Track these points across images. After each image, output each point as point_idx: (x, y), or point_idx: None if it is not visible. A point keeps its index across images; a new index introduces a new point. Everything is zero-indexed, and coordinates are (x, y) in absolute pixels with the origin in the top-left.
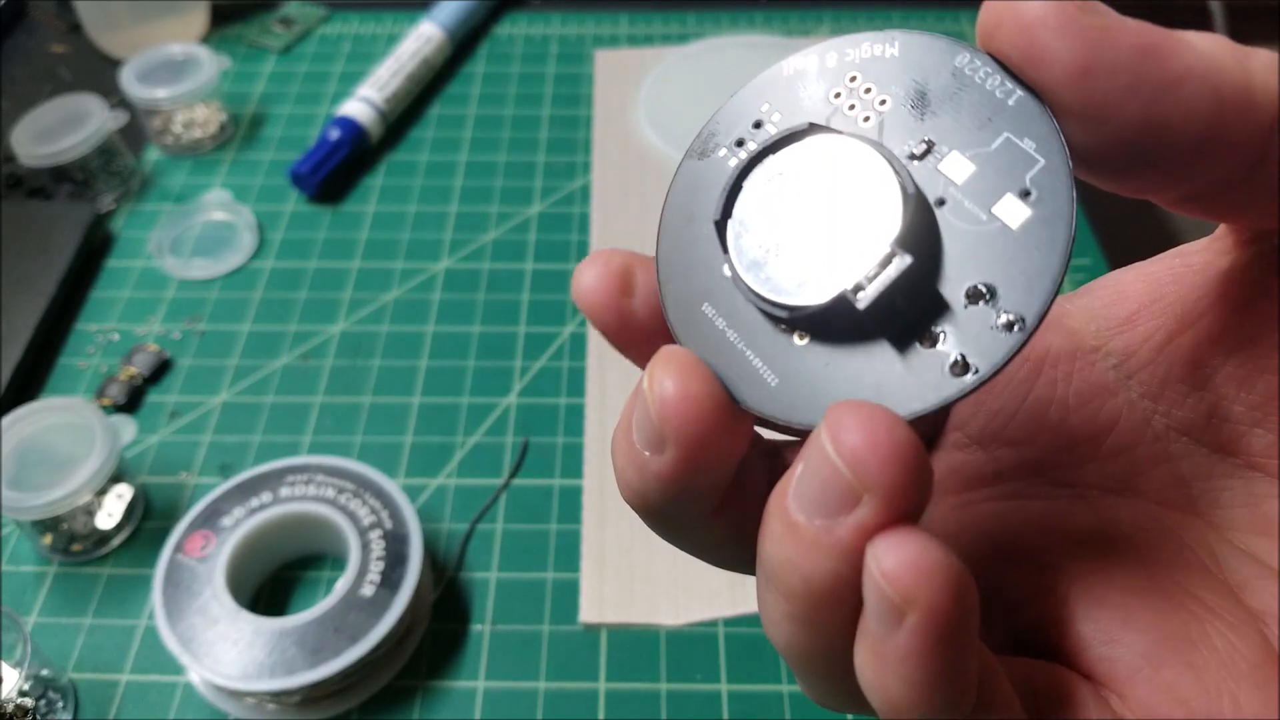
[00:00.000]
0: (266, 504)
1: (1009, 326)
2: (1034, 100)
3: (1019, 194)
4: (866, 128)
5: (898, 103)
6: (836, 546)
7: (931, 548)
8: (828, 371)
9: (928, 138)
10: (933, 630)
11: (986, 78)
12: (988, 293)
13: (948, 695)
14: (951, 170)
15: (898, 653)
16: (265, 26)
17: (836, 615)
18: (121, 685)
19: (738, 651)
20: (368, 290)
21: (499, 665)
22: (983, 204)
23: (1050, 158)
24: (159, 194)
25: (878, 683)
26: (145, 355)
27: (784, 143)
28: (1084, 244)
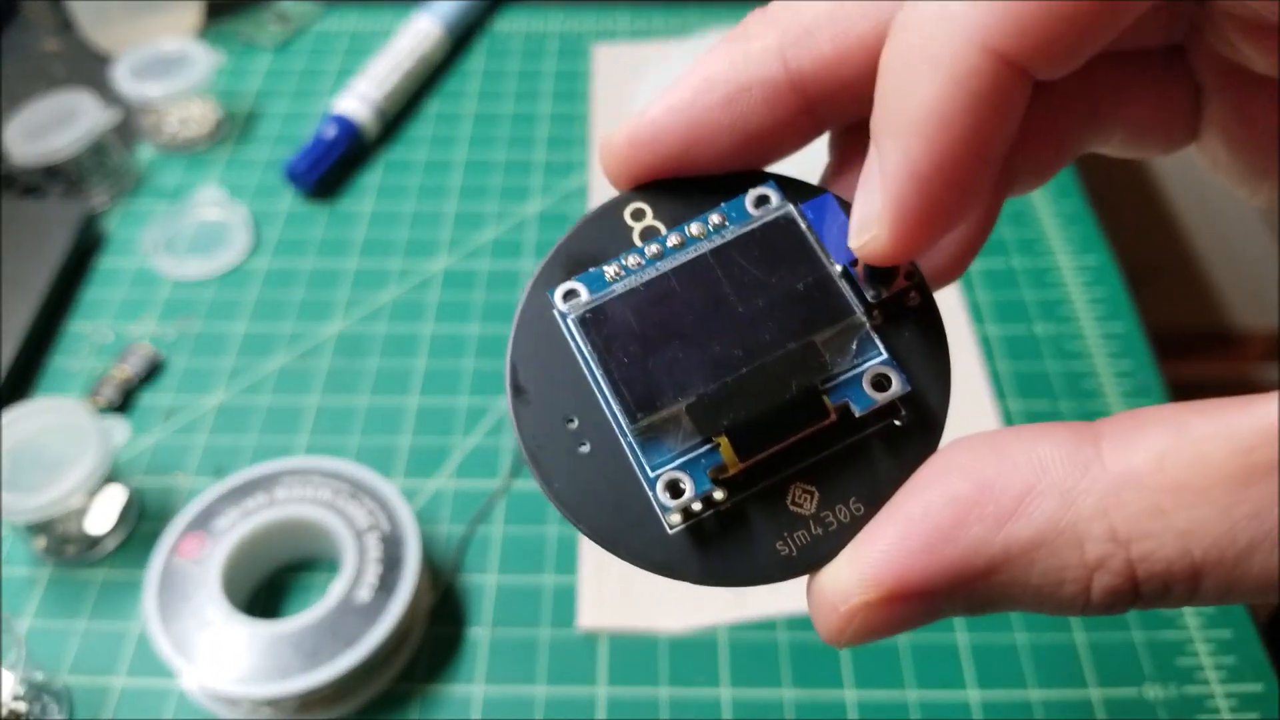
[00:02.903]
0: (262, 506)
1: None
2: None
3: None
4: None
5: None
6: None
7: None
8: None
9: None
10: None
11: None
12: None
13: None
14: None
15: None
16: (260, 22)
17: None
18: (116, 689)
19: (740, 655)
20: (364, 289)
21: (497, 669)
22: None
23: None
24: (152, 192)
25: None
26: (139, 355)
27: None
28: (1090, 242)
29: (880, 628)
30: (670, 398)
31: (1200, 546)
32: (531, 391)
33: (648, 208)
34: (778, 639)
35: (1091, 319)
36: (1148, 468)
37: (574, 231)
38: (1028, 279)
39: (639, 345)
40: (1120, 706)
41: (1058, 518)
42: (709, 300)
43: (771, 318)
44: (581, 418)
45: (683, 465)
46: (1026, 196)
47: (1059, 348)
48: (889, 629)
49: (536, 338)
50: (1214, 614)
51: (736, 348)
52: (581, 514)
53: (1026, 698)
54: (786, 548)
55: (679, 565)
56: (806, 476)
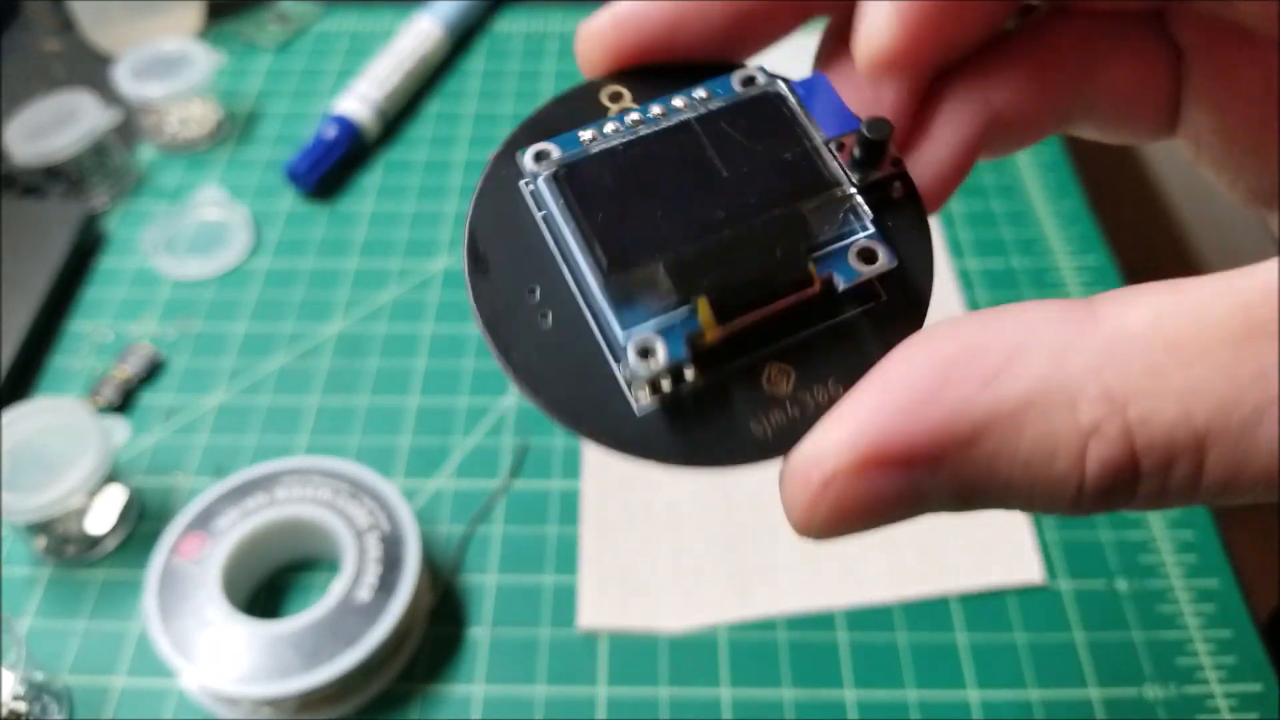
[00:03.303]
0: (262, 506)
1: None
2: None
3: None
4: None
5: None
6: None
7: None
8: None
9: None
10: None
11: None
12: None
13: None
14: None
15: None
16: (260, 22)
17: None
18: (116, 689)
19: (740, 655)
20: (365, 289)
21: (497, 669)
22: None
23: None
24: (153, 192)
25: None
26: (139, 355)
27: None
28: (1089, 242)
29: (859, 506)
30: (648, 254)
31: (1204, 410)
32: (491, 260)
33: (626, 91)
34: (778, 639)
35: None
36: (1144, 325)
37: (546, 107)
38: (1028, 279)
39: (615, 203)
40: (1120, 706)
41: (1047, 375)
42: (692, 164)
43: (757, 183)
44: (545, 287)
45: (656, 327)
46: (1026, 197)
47: None
48: (868, 509)
49: (499, 207)
50: (1214, 614)
51: (720, 209)
52: (541, 387)
53: (1026, 698)
54: (761, 429)
55: (645, 444)
56: (783, 356)
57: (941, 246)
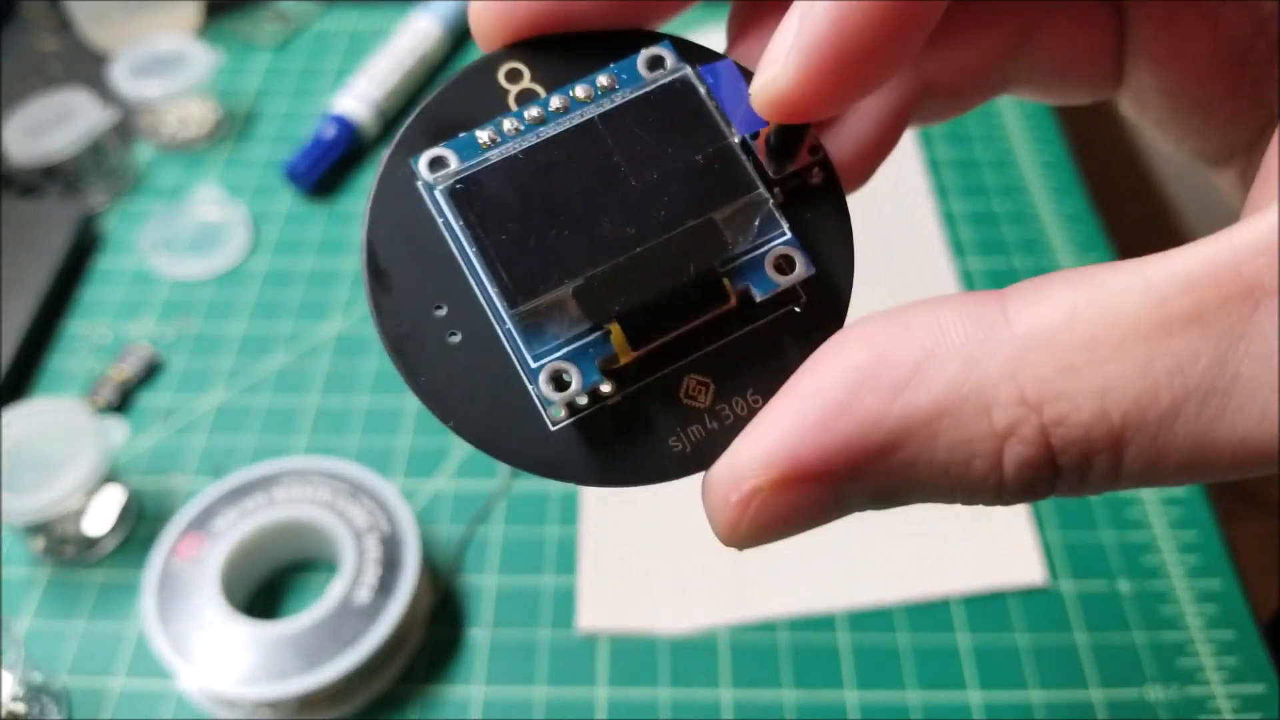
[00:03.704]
0: (261, 507)
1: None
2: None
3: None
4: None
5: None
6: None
7: None
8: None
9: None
10: None
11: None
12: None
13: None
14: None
15: None
16: (259, 21)
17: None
18: (115, 690)
19: (740, 656)
20: (363, 289)
21: (497, 670)
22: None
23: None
24: (151, 191)
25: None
26: (137, 355)
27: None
28: (1092, 242)
29: (780, 518)
30: (555, 280)
31: (1119, 407)
32: (394, 275)
33: (525, 68)
34: (778, 640)
35: None
36: (1057, 324)
37: (440, 93)
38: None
39: (518, 222)
40: (1121, 708)
41: (959, 382)
42: (598, 171)
43: (667, 192)
44: (451, 304)
45: (568, 355)
46: (1027, 196)
47: None
48: (790, 520)
49: (398, 213)
50: (1215, 615)
51: (629, 225)
52: (451, 411)
53: (1028, 699)
54: (680, 444)
55: (563, 465)
56: (701, 368)
57: (943, 246)
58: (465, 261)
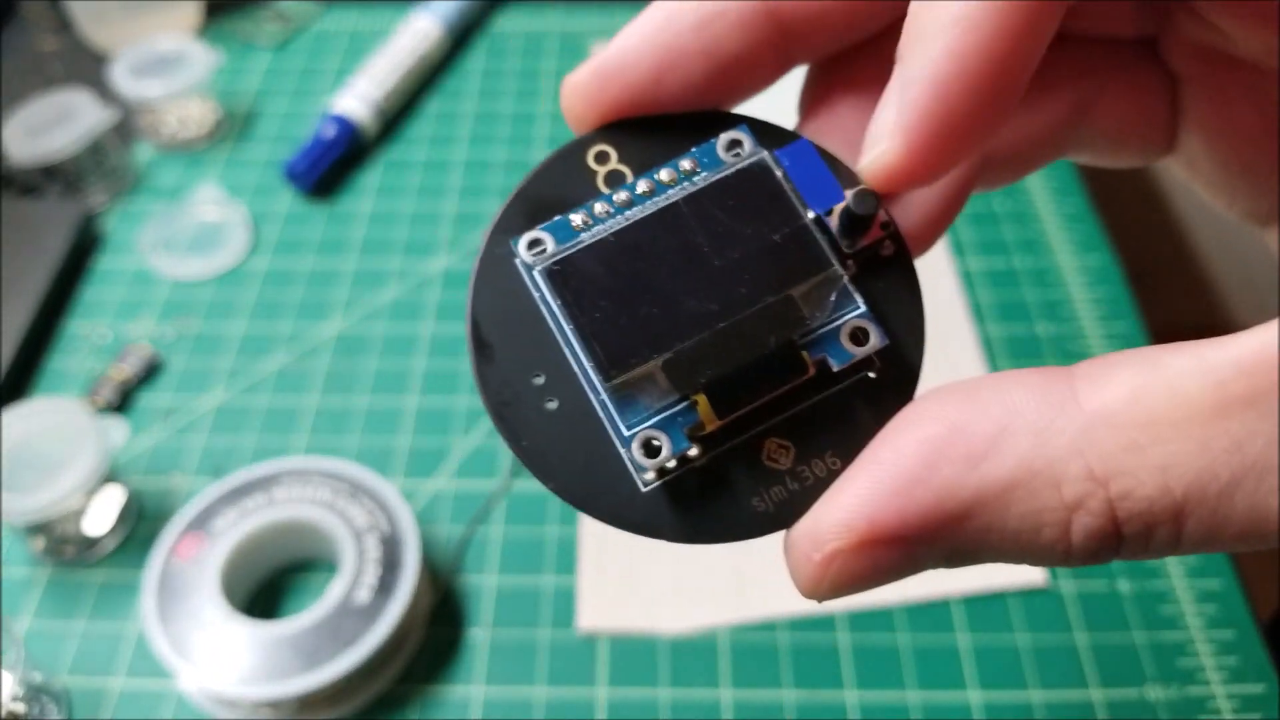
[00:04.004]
0: (261, 507)
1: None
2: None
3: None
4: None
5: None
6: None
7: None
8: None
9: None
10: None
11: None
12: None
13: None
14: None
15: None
16: (259, 21)
17: None
18: (115, 690)
19: (740, 656)
20: (363, 289)
21: (497, 670)
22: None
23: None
24: (151, 191)
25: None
26: (137, 355)
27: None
28: (1092, 242)
29: (858, 576)
30: (645, 354)
31: (1181, 483)
32: (495, 346)
33: (612, 150)
34: (778, 640)
35: (1093, 319)
36: (1121, 404)
37: (534, 175)
38: (1029, 279)
39: (610, 299)
40: (1121, 708)
41: (1032, 457)
42: (682, 251)
43: (747, 270)
44: (548, 373)
45: (659, 424)
46: (1028, 196)
47: (1061, 348)
48: (868, 578)
49: (498, 290)
50: (1215, 615)
51: (712, 302)
52: (551, 473)
53: (1028, 699)
54: (763, 504)
55: (654, 524)
56: (781, 432)
57: (943, 246)
58: (561, 336)
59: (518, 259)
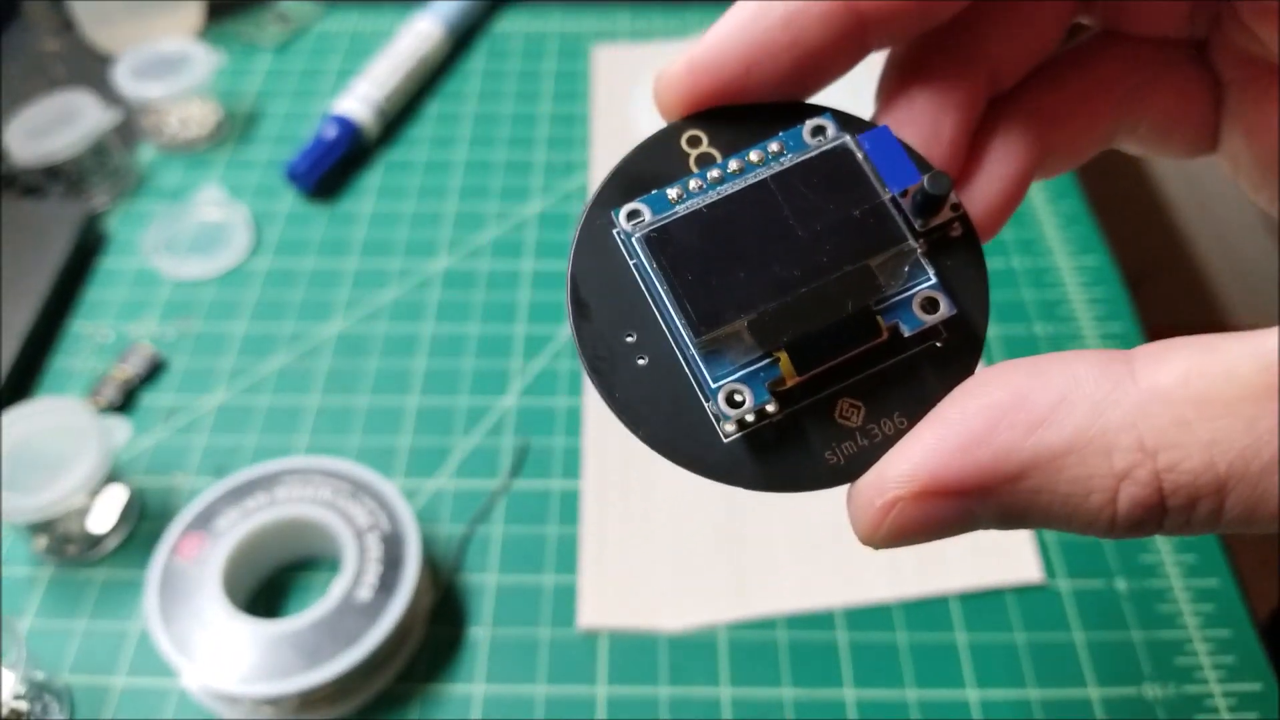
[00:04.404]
0: (262, 506)
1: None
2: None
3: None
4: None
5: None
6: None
7: None
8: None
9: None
10: None
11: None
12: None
13: None
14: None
15: None
16: (260, 22)
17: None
18: (117, 689)
19: (740, 655)
20: (365, 289)
21: (497, 669)
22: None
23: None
24: (153, 192)
25: None
26: (140, 355)
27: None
28: (1089, 242)
29: (914, 526)
30: (733, 314)
31: (1225, 458)
32: (592, 307)
33: (703, 135)
34: (777, 638)
35: (1091, 319)
36: (1175, 382)
37: (630, 156)
38: (1027, 279)
39: (702, 264)
40: (1119, 706)
41: (1087, 426)
42: (769, 223)
43: (829, 241)
44: (640, 332)
45: (742, 378)
46: (1027, 198)
47: (1058, 347)
48: (923, 528)
49: (596, 256)
50: (1213, 613)
51: (795, 269)
52: (640, 422)
53: (1026, 697)
54: (835, 457)
55: (734, 471)
56: (853, 392)
57: None
58: (654, 297)
59: (616, 229)
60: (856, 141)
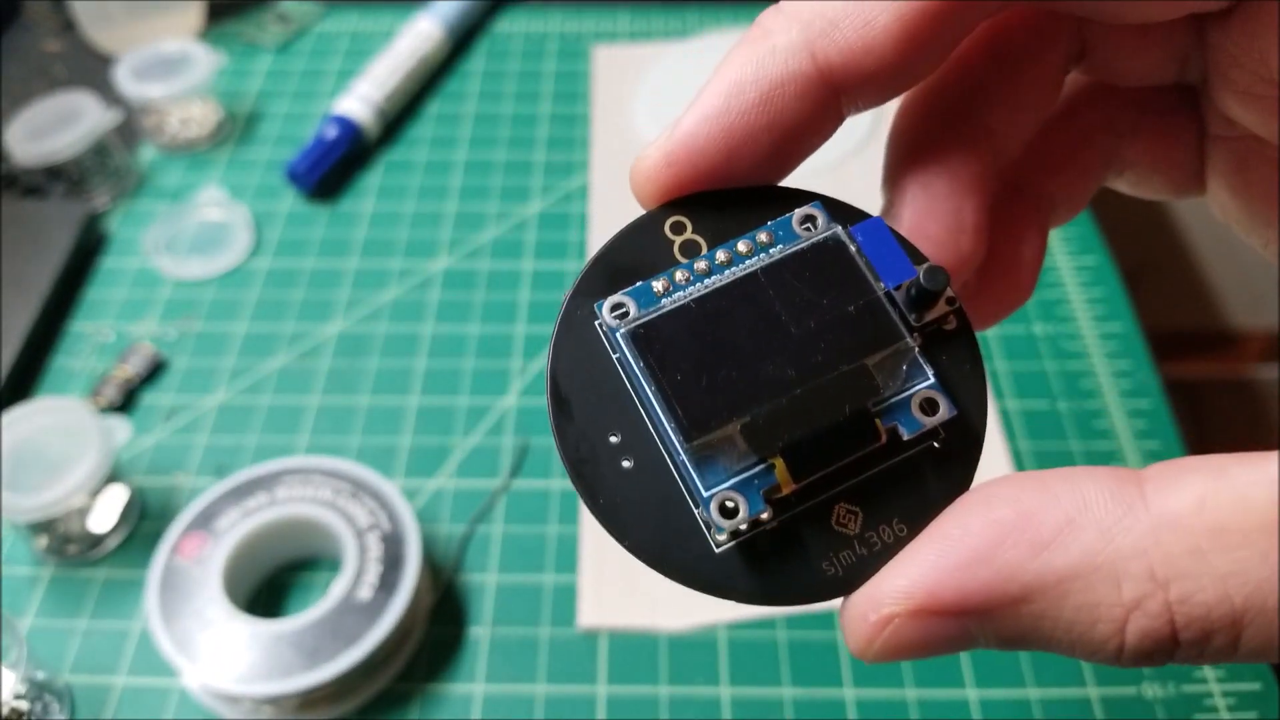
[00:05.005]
0: (263, 505)
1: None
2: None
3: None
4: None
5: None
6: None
7: None
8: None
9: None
10: None
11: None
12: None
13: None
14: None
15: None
16: (261, 23)
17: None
18: (117, 688)
19: (739, 654)
20: (365, 289)
21: (497, 669)
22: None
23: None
24: (154, 192)
25: None
26: (140, 355)
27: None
28: (1088, 242)
29: (909, 644)
30: (724, 417)
31: (1241, 591)
32: (573, 404)
33: (688, 221)
34: (777, 638)
35: (1089, 319)
36: (1188, 509)
37: (613, 242)
38: None
39: (691, 363)
40: (1119, 705)
41: (1095, 551)
42: (760, 319)
43: (823, 339)
44: (625, 433)
45: (736, 485)
46: None
47: (1057, 347)
48: (918, 647)
49: (577, 350)
50: None
51: (790, 368)
52: (626, 530)
53: (1025, 696)
54: (833, 568)
55: (726, 584)
56: (850, 497)
57: None
58: (640, 397)
59: (599, 321)
60: (849, 233)
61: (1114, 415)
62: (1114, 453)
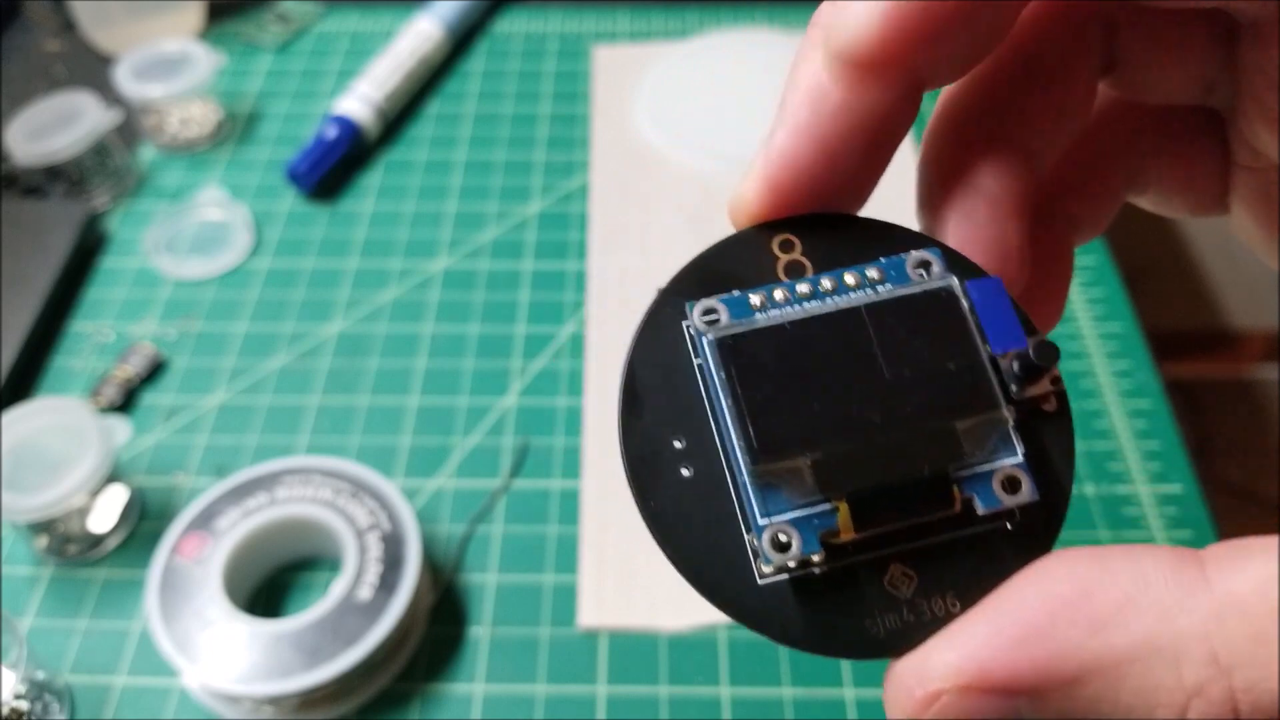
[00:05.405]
0: (263, 505)
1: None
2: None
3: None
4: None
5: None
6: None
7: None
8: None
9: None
10: None
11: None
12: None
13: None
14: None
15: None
16: (261, 23)
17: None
18: (117, 688)
19: (739, 654)
20: (365, 290)
21: (497, 668)
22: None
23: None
24: (154, 192)
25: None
26: (140, 355)
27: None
28: (1089, 244)
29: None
30: (797, 448)
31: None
32: (645, 401)
33: (797, 241)
34: None
35: (1089, 319)
36: (1253, 592)
37: (716, 247)
38: None
39: (774, 385)
40: None
41: (1155, 633)
42: (854, 356)
43: (916, 390)
44: (690, 441)
45: (794, 521)
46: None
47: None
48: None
49: (658, 347)
50: None
51: (875, 412)
52: (671, 540)
53: None
54: (875, 627)
55: (762, 618)
56: (909, 559)
57: None
58: (715, 408)
59: (688, 323)
60: (964, 288)
61: (1114, 415)
62: (1114, 453)
